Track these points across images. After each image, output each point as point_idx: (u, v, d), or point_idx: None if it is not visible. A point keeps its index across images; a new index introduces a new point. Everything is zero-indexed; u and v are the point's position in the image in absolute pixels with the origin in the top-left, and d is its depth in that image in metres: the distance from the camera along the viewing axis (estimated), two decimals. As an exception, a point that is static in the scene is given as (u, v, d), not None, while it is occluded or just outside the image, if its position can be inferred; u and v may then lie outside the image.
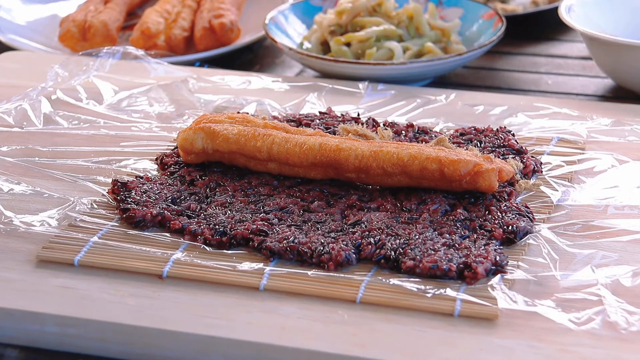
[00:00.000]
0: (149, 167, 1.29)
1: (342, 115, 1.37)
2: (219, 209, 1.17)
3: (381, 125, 1.33)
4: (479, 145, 1.28)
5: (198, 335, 1.00)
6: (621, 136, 1.34)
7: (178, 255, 1.10)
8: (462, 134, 1.32)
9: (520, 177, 1.23)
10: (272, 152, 1.21)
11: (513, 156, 1.26)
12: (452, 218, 1.14)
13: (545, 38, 1.82)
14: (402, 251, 1.08)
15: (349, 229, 1.13)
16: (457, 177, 1.16)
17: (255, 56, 1.79)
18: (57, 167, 1.29)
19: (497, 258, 1.07)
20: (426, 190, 1.18)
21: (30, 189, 1.23)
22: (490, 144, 1.29)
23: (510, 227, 1.12)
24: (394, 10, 1.64)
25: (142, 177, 1.24)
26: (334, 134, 1.30)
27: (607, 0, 1.64)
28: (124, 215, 1.16)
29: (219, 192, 1.20)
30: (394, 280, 1.05)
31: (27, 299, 1.05)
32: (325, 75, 1.58)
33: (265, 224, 1.13)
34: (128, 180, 1.22)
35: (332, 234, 1.12)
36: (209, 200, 1.19)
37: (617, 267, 1.07)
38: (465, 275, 1.05)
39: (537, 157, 1.28)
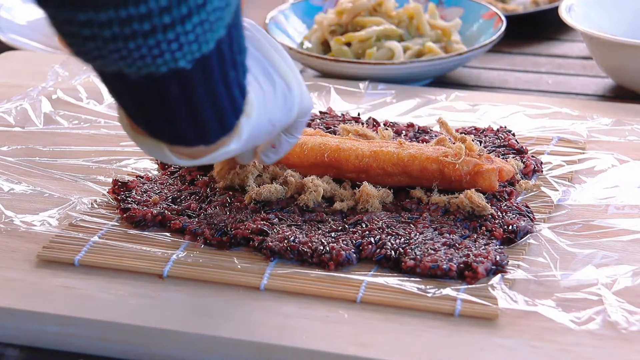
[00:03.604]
0: (150, 167, 1.29)
1: (342, 115, 1.37)
2: (219, 209, 1.17)
3: (381, 125, 1.33)
4: (479, 145, 1.28)
5: (198, 335, 1.00)
6: (621, 136, 1.34)
7: (178, 254, 1.10)
8: (462, 134, 1.31)
9: (521, 177, 1.23)
10: (272, 151, 1.21)
11: (513, 156, 1.26)
12: (453, 217, 1.14)
13: (545, 38, 1.82)
14: (402, 251, 1.08)
15: (349, 228, 1.13)
16: (457, 177, 1.16)
17: (255, 56, 1.79)
18: (58, 166, 1.29)
19: (498, 258, 1.07)
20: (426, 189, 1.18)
21: (31, 188, 1.23)
22: (491, 144, 1.29)
23: (510, 227, 1.12)
24: (395, 10, 1.64)
25: (142, 177, 1.24)
26: (334, 133, 1.29)
27: (608, 0, 1.64)
28: (125, 215, 1.16)
29: (219, 192, 1.20)
30: (394, 280, 1.05)
31: (28, 299, 1.05)
32: (326, 75, 1.58)
33: (266, 223, 1.13)
34: (128, 180, 1.22)
35: (333, 234, 1.11)
36: (209, 200, 1.19)
37: (617, 266, 1.07)
38: (465, 275, 1.05)
39: (538, 157, 1.28)
